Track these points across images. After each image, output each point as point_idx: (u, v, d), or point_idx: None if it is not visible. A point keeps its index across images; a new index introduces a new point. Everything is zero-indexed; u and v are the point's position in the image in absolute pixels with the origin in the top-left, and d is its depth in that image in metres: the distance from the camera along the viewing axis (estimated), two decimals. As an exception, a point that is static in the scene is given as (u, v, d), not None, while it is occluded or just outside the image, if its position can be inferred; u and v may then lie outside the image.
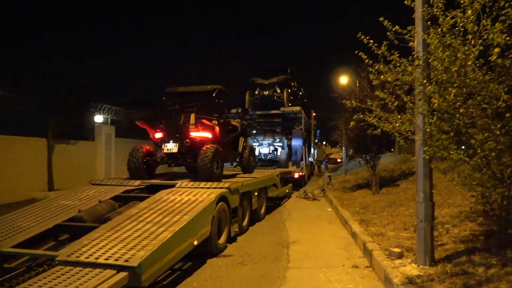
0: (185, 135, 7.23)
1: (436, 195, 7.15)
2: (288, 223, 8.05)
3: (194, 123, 7.20)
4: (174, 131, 7.36)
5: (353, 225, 6.83)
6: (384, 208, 8.15)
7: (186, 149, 7.23)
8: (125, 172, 7.74)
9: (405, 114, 4.29)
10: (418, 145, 4.17)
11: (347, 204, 9.29)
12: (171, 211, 4.97)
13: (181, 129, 7.30)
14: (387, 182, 11.77)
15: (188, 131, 7.22)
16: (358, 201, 9.68)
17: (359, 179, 14.55)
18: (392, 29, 4.32)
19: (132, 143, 16.42)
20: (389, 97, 4.12)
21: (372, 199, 9.72)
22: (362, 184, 12.67)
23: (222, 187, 6.11)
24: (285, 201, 11.59)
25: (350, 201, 9.75)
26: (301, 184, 15.11)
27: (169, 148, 7.25)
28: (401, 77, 4.12)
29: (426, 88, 3.79)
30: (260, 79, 14.73)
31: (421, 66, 3.88)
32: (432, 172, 4.23)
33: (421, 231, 4.22)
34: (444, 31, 3.78)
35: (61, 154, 12.46)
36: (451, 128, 3.89)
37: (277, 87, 14.45)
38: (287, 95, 14.24)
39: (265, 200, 8.88)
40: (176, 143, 7.22)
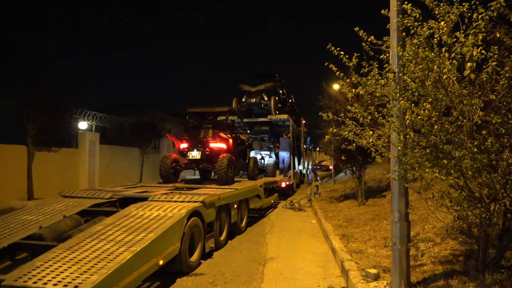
0: (205, 145, 9.16)
1: (421, 209, 6.99)
2: (269, 237, 7.79)
3: (212, 136, 9.22)
4: (197, 142, 9.26)
5: (334, 240, 6.59)
6: (368, 221, 7.94)
7: (206, 156, 9.12)
8: (109, 180, 8.00)
9: (379, 129, 4.07)
10: (392, 162, 3.95)
11: (331, 217, 9.06)
12: (136, 228, 4.70)
13: (202, 141, 9.23)
14: (373, 192, 11.58)
15: (208, 142, 9.17)
16: (343, 213, 9.46)
17: (347, 188, 14.35)
18: (367, 39, 4.13)
19: (118, 150, 16.18)
20: (360, 111, 3.90)
21: (357, 211, 9.51)
22: (349, 194, 12.46)
23: (195, 201, 5.85)
24: (270, 211, 11.33)
25: (335, 213, 9.52)
26: (289, 193, 14.85)
27: (193, 155, 9.18)
28: (374, 91, 3.90)
29: (399, 103, 3.57)
30: (247, 86, 14.50)
31: (393, 79, 3.67)
32: (407, 190, 4.01)
33: (396, 253, 3.98)
34: (418, 43, 3.59)
35: (42, 161, 12.12)
36: (427, 144, 3.69)
37: (264, 95, 14.22)
38: (274, 102, 14.01)
39: (246, 212, 8.61)
40: (199, 151, 9.13)
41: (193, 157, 9.15)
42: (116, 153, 15.95)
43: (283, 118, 14.42)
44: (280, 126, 15.59)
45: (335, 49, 3.89)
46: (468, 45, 2.92)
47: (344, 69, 4.06)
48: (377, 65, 4.16)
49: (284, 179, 13.98)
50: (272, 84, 14.54)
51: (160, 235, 4.51)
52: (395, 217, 3.99)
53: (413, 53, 3.53)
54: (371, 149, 4.22)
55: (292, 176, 14.92)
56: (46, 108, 11.28)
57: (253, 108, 14.69)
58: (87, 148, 13.94)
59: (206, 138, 9.25)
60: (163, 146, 19.39)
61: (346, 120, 4.26)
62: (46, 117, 11.31)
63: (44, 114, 11.26)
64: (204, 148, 9.14)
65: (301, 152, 19.31)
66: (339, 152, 10.78)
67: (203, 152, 9.12)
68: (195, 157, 9.14)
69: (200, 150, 9.12)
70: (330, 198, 12.69)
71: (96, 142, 14.40)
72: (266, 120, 14.49)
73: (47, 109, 11.33)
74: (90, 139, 14.14)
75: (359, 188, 10.46)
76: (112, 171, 15.39)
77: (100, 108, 17.37)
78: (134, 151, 17.11)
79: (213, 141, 9.20)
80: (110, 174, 15.13)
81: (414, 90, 3.52)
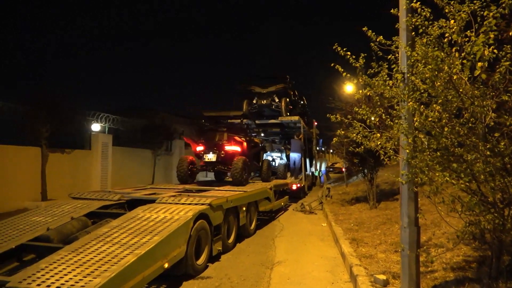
0: (221, 148, 9.57)
1: (433, 213, 6.79)
2: (278, 240, 7.70)
3: (227, 139, 9.64)
4: (212, 145, 9.67)
5: (343, 244, 6.47)
6: (379, 225, 7.78)
7: (221, 159, 9.54)
8: (121, 182, 8.27)
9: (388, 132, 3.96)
10: (401, 166, 3.84)
11: (341, 220, 8.92)
12: (142, 230, 4.68)
13: (217, 144, 9.64)
14: (386, 195, 11.38)
15: (223, 145, 9.57)
16: (354, 216, 9.30)
17: (359, 191, 14.14)
18: (376, 39, 4.03)
19: (130, 152, 16.32)
20: (367, 113, 3.80)
21: (368, 214, 9.34)
22: (360, 197, 12.27)
23: (203, 203, 5.81)
24: (280, 214, 11.24)
25: (346, 216, 9.38)
26: (300, 195, 14.73)
27: (209, 158, 9.61)
28: (383, 92, 3.79)
29: (407, 105, 3.46)
30: (257, 88, 14.46)
31: (402, 80, 3.56)
32: (417, 194, 3.88)
33: (405, 259, 3.86)
34: (428, 42, 3.47)
35: (56, 163, 12.29)
36: (438, 147, 3.56)
37: (275, 96, 14.15)
38: (285, 104, 13.94)
39: (255, 214, 8.55)
40: (215, 154, 9.56)
41: (209, 159, 9.60)
42: (128, 155, 16.09)
43: (294, 120, 14.33)
44: (291, 128, 15.50)
45: (341, 50, 3.80)
46: (479, 44, 2.80)
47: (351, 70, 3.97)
48: (387, 65, 4.07)
49: (295, 181, 13.86)
50: (283, 86, 14.48)
51: (165, 238, 4.49)
52: (404, 222, 3.87)
53: (422, 53, 3.42)
54: (380, 152, 4.12)
55: (303, 178, 14.80)
56: (59, 110, 11.43)
57: (264, 109, 14.65)
58: (100, 150, 14.08)
59: (221, 141, 9.69)
60: (175, 148, 19.47)
61: (353, 122, 4.16)
62: (59, 119, 11.45)
63: (58, 116, 11.41)
64: (219, 151, 9.58)
65: (313, 154, 19.17)
66: (350, 154, 10.61)
67: (218, 154, 9.55)
68: (211, 159, 9.59)
69: (215, 153, 9.57)
70: (342, 201, 12.52)
71: (109, 144, 14.54)
72: (277, 122, 14.42)
73: (60, 112, 11.48)
74: (103, 141, 14.28)
75: (370, 191, 10.28)
76: (124, 173, 15.51)
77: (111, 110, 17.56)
78: (146, 153, 17.23)
79: (228, 144, 9.60)
80: (122, 176, 15.25)
81: (423, 91, 3.40)
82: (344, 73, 3.86)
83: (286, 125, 15.26)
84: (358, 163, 10.64)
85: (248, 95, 14.68)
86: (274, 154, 14.82)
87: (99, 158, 14.02)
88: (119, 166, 15.24)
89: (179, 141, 20.34)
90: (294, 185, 13.55)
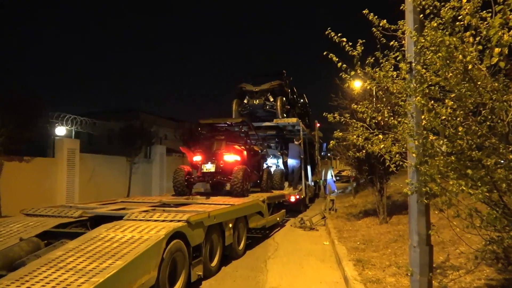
0: (219, 158, 10.13)
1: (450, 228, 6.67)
2: (271, 262, 7.55)
3: (226, 148, 10.27)
4: (210, 154, 10.25)
5: (347, 266, 6.34)
6: (389, 243, 7.67)
7: (221, 169, 10.07)
8: (91, 195, 8.23)
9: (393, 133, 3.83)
10: (409, 173, 3.71)
11: (346, 237, 8.80)
12: (104, 253, 4.51)
13: (216, 153, 10.24)
14: (398, 208, 11.27)
15: (222, 155, 10.15)
16: (361, 232, 9.19)
17: (368, 203, 14.03)
18: (379, 24, 3.93)
19: (102, 160, 16.14)
20: (368, 110, 3.67)
21: (377, 230, 9.23)
22: (369, 210, 12.16)
23: (179, 220, 5.66)
24: (275, 231, 11.09)
25: (351, 233, 9.25)
26: (300, 209, 14.63)
27: (207, 168, 10.11)
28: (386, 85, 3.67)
29: (414, 100, 3.34)
30: (249, 86, 14.35)
31: (407, 71, 3.44)
32: (428, 207, 3.75)
33: (415, 284, 3.72)
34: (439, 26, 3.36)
35: (12, 173, 12.07)
36: (453, 150, 3.44)
37: (269, 95, 14.04)
38: (281, 104, 13.81)
39: (245, 232, 8.40)
40: (213, 164, 10.06)
41: (207, 169, 10.14)
42: (100, 163, 15.89)
43: (292, 122, 14.24)
44: (289, 130, 15.42)
45: (335, 35, 3.68)
46: (495, 26, 2.68)
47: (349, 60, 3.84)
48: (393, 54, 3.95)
49: (294, 192, 13.73)
50: (278, 83, 14.38)
51: (131, 262, 4.32)
52: (414, 240, 3.74)
53: (431, 38, 3.31)
54: (385, 157, 3.99)
55: (303, 189, 14.69)
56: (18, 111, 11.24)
57: (257, 110, 14.54)
58: (66, 158, 13.86)
59: (220, 150, 10.33)
60: (155, 154, 19.30)
61: (353, 122, 4.04)
62: (16, 122, 11.25)
63: (16, 118, 11.22)
64: (218, 160, 10.14)
65: (315, 161, 19.07)
66: (357, 160, 10.50)
67: (217, 164, 10.10)
68: (209, 170, 10.12)
69: (214, 163, 10.11)
70: (348, 214, 12.40)
71: (76, 151, 14.32)
72: (272, 125, 14.31)
73: (19, 113, 11.29)
74: (69, 147, 14.06)
75: (380, 203, 10.18)
76: (95, 184, 15.31)
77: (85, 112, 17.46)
78: (121, 160, 17.05)
79: (227, 153, 10.20)
80: (92, 188, 15.05)
81: (430, 82, 3.28)
82: (340, 64, 3.74)
83: (283, 128, 15.15)
84: (364, 170, 10.53)
85: (238, 94, 14.57)
86: (269, 161, 14.68)
87: (64, 167, 13.81)
88: (88, 177, 15.05)
89: (160, 147, 20.20)
90: (292, 197, 13.42)
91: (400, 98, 3.99)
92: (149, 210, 6.55)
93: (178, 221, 5.64)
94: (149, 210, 6.63)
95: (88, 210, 6.51)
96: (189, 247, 5.71)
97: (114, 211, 6.54)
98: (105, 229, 5.30)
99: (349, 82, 3.99)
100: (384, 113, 3.66)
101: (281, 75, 15.30)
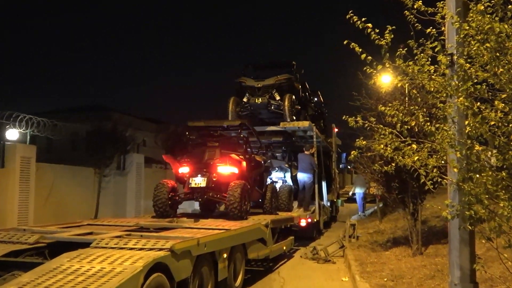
0: (212, 170, 10.02)
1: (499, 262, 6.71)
2: (276, 302, 7.59)
3: (221, 158, 10.19)
4: (201, 165, 10.14)
5: (371, 309, 6.36)
6: (424, 280, 7.75)
7: (214, 183, 9.98)
8: (50, 215, 8.24)
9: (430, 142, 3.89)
10: (449, 192, 3.76)
11: (370, 272, 8.85)
12: (64, 290, 4.55)
13: (208, 164, 10.13)
14: (436, 235, 11.34)
15: (216, 166, 10.03)
16: (389, 266, 9.25)
17: (398, 229, 14.09)
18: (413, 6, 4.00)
19: (65, 171, 16.23)
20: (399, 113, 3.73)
21: (410, 263, 9.29)
22: (399, 238, 12.21)
23: (161, 248, 5.69)
24: (281, 263, 11.16)
25: (377, 266, 9.32)
26: (312, 235, 14.68)
27: (197, 182, 9.90)
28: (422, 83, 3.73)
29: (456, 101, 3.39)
30: (250, 80, 14.40)
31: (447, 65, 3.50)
32: (473, 235, 3.80)
33: (456, 332, 3.74)
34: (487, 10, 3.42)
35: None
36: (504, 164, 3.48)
37: (275, 92, 14.10)
38: (289, 103, 13.84)
39: (243, 264, 8.47)
40: (204, 177, 9.86)
41: (197, 184, 9.94)
42: (61, 176, 15.94)
43: (303, 126, 14.29)
44: (299, 137, 15.51)
45: (359, 20, 3.74)
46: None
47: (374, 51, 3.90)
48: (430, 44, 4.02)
49: (305, 214, 13.77)
50: (286, 77, 14.46)
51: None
52: (455, 276, 3.79)
53: (477, 24, 3.36)
54: (420, 172, 4.04)
55: (316, 210, 14.72)
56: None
57: (260, 111, 14.59)
58: (18, 168, 13.89)
59: (213, 160, 10.23)
60: (131, 165, 19.32)
61: (379, 128, 4.09)
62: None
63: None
64: (210, 173, 10.01)
65: (332, 175, 19.11)
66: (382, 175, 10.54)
67: (209, 178, 9.93)
68: (199, 184, 9.92)
69: (205, 176, 9.92)
70: (372, 243, 12.45)
71: (32, 159, 14.36)
72: (278, 130, 14.37)
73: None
74: (23, 155, 14.10)
75: (413, 230, 10.21)
76: (55, 202, 15.35)
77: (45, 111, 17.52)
78: (88, 172, 17.11)
79: (222, 164, 10.08)
80: (51, 206, 15.09)
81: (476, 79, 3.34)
82: (364, 55, 3.79)
83: (292, 134, 15.21)
84: (396, 188, 10.57)
85: (236, 91, 14.64)
86: (274, 174, 14.74)
87: (16, 180, 13.84)
88: (47, 192, 15.10)
89: (138, 156, 20.26)
90: (303, 220, 13.47)
91: (438, 99, 4.05)
92: (123, 236, 6.58)
93: (160, 249, 5.66)
94: (123, 235, 6.67)
95: (47, 235, 6.56)
96: (173, 282, 5.74)
97: (79, 236, 6.58)
98: (67, 259, 5.33)
99: (375, 78, 4.03)
100: (418, 117, 3.71)
101: (290, 67, 15.36)
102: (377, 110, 9.16)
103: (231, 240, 7.73)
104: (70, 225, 8.17)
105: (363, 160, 12.20)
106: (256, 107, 14.28)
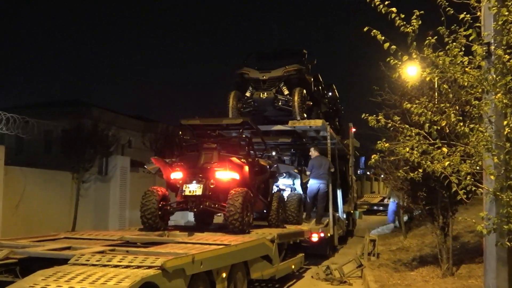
0: (209, 175, 10.01)
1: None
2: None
3: (219, 161, 10.20)
4: (196, 170, 10.16)
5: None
6: (456, 305, 7.73)
7: (211, 191, 10.00)
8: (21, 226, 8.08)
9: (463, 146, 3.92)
10: (485, 203, 3.80)
11: (393, 296, 8.87)
12: (41, 313, 4.61)
13: (204, 169, 10.17)
14: (470, 253, 11.38)
15: (213, 171, 10.01)
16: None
17: (425, 245, 14.12)
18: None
19: (38, 175, 16.32)
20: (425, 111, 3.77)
21: (439, 285, 9.39)
22: (427, 256, 12.25)
23: (149, 266, 5.74)
24: (290, 284, 11.22)
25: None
26: (325, 253, 14.71)
27: (192, 190, 9.85)
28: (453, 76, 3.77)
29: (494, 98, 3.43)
30: (254, 72, 14.36)
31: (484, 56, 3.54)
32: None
33: None
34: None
35: None
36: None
37: (283, 86, 14.10)
38: (300, 98, 13.81)
39: (244, 285, 8.48)
40: (200, 184, 9.84)
41: (191, 192, 9.87)
42: (33, 181, 16.02)
43: (316, 125, 14.27)
44: (311, 137, 15.51)
45: (381, 4, 3.79)
46: None
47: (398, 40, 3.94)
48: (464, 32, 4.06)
49: (317, 228, 13.78)
50: (296, 68, 14.41)
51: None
52: (491, 301, 3.81)
53: None
54: (451, 180, 4.08)
55: (330, 224, 14.73)
56: None
57: (265, 108, 14.60)
58: (-17, 173, 14.03)
59: (210, 164, 10.21)
60: (114, 169, 19.42)
61: (404, 129, 4.13)
62: None
63: None
64: (207, 179, 9.97)
65: (349, 182, 19.13)
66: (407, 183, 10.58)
67: (205, 185, 9.89)
68: (194, 192, 9.85)
69: (201, 183, 9.88)
70: (395, 262, 12.48)
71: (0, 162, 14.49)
72: (286, 129, 14.39)
73: None
74: (-12, 157, 14.24)
75: (443, 247, 10.24)
76: (26, 211, 15.44)
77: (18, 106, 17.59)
78: (64, 177, 17.19)
79: (221, 169, 9.99)
80: (22, 216, 15.20)
81: None
82: (387, 44, 3.83)
83: (302, 134, 15.22)
84: (423, 198, 10.59)
85: (237, 84, 14.64)
86: (282, 181, 14.76)
87: (-19, 187, 13.96)
88: (16, 200, 15.17)
89: (122, 158, 20.35)
90: (315, 235, 13.46)
91: (473, 95, 4.09)
92: (106, 251, 6.62)
93: (149, 267, 5.70)
94: (106, 250, 6.71)
95: (17, 250, 6.62)
96: (163, 305, 5.78)
97: (55, 251, 6.62)
98: (42, 278, 5.38)
99: (400, 70, 4.07)
100: (450, 116, 3.75)
101: (301, 57, 15.32)
102: (401, 108, 9.22)
103: (231, 257, 7.75)
104: (44, 239, 8.21)
105: (385, 166, 12.25)
106: (261, 103, 14.25)
